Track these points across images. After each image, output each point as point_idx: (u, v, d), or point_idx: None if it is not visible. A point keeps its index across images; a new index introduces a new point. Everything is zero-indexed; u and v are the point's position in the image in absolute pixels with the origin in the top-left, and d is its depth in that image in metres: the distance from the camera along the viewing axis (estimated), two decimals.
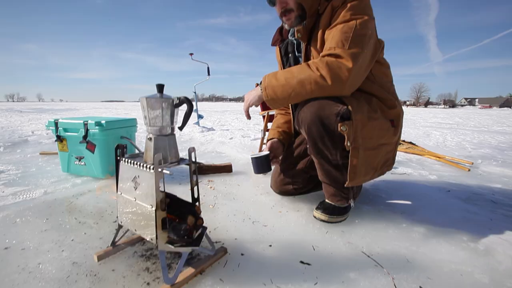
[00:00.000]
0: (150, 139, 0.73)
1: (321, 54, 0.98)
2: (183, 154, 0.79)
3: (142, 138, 3.49)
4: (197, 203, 0.82)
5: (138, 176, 0.74)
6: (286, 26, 1.16)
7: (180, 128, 0.78)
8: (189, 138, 3.56)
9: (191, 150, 0.78)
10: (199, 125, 4.65)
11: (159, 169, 0.67)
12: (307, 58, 1.11)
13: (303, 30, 1.09)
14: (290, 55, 1.24)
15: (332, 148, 1.00)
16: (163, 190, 0.71)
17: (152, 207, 0.70)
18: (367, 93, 1.06)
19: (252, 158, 1.25)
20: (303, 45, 1.12)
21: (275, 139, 1.33)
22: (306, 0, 1.06)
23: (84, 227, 1.07)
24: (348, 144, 0.96)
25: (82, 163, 1.71)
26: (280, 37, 1.24)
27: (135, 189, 0.75)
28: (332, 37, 0.96)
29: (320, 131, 0.99)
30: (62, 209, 1.24)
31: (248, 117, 1.16)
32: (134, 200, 0.76)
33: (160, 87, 0.71)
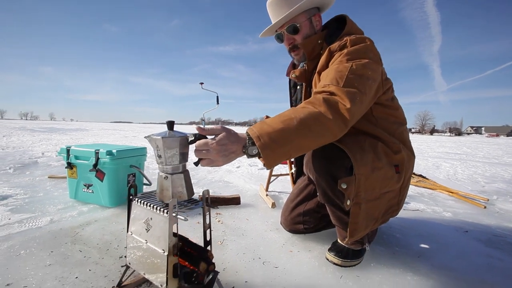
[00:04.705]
0: (166, 177, 0.72)
1: (314, 91, 0.89)
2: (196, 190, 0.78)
3: (149, 163, 3.50)
4: (209, 247, 0.80)
5: (151, 218, 0.72)
6: (295, 61, 1.20)
7: (196, 164, 0.77)
8: (197, 167, 3.55)
9: (205, 193, 0.77)
10: None
11: (174, 214, 0.66)
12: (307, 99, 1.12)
13: (300, 72, 1.10)
14: (298, 87, 1.27)
15: (342, 197, 0.95)
16: (176, 232, 0.69)
17: (164, 252, 0.68)
18: (372, 136, 1.01)
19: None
20: (303, 86, 1.13)
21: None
22: (306, 45, 1.08)
23: (89, 262, 1.04)
24: (348, 203, 0.90)
25: (90, 191, 1.70)
26: (292, 69, 1.28)
27: (147, 231, 0.73)
28: (327, 75, 0.90)
29: (329, 183, 0.96)
30: (67, 240, 1.22)
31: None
32: (145, 242, 0.73)
33: (171, 124, 0.72)
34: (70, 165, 1.73)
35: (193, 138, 0.73)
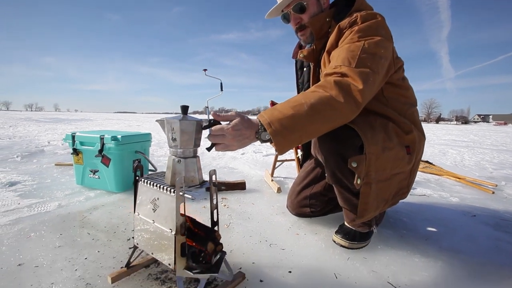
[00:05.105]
0: (179, 161, 0.71)
1: (324, 73, 0.86)
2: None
3: (154, 151, 3.51)
4: (216, 228, 0.79)
5: (158, 198, 0.72)
6: (301, 42, 1.16)
7: (209, 149, 0.76)
8: (201, 153, 3.56)
9: (212, 173, 0.76)
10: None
11: (180, 193, 0.65)
12: (316, 79, 1.09)
13: (308, 51, 1.07)
14: (305, 69, 1.24)
15: (351, 178, 0.94)
16: (183, 213, 0.69)
17: (171, 231, 0.67)
18: (382, 116, 0.99)
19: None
20: (310, 67, 1.10)
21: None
22: (314, 24, 1.04)
23: (97, 244, 1.05)
24: (358, 182, 0.89)
25: (96, 177, 1.72)
26: (299, 50, 1.24)
27: (154, 211, 0.73)
28: (338, 55, 0.87)
29: (338, 162, 0.94)
30: (75, 223, 1.23)
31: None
32: (153, 222, 0.73)
33: (185, 109, 0.70)
34: (75, 151, 1.74)
35: (207, 124, 0.73)
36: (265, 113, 0.75)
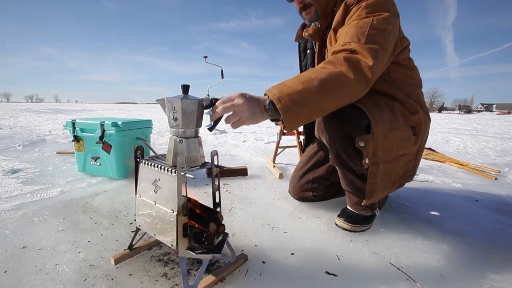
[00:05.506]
0: (181, 141, 0.69)
1: (332, 50, 0.85)
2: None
3: (155, 139, 3.51)
4: (218, 209, 0.79)
5: (159, 179, 0.71)
6: (306, 21, 1.13)
7: (210, 129, 0.74)
8: (202, 140, 3.56)
9: (214, 154, 0.75)
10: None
11: (182, 173, 0.64)
12: (322, 59, 1.06)
13: (313, 30, 1.04)
14: (308, 51, 1.21)
15: (356, 159, 0.93)
16: (185, 194, 0.68)
17: (173, 211, 0.67)
18: (388, 96, 0.98)
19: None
20: (317, 45, 1.07)
21: None
22: (319, 1, 1.01)
23: (100, 228, 1.06)
24: (367, 161, 0.88)
25: (98, 164, 1.71)
26: (302, 33, 1.21)
27: (155, 192, 0.72)
28: (346, 32, 0.86)
29: (343, 142, 0.93)
30: (78, 209, 1.24)
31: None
32: (154, 203, 0.73)
33: (186, 88, 0.68)
34: (76, 138, 1.73)
35: (208, 103, 0.71)
36: (273, 88, 0.73)
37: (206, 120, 0.76)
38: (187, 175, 0.65)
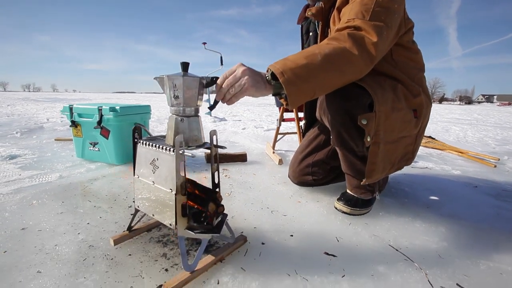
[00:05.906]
0: (182, 120, 0.68)
1: (336, 28, 0.83)
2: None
3: (154, 127, 3.49)
4: (217, 189, 0.78)
5: (157, 159, 0.70)
6: (309, 1, 1.10)
7: (211, 108, 0.72)
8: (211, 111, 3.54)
9: (213, 133, 0.73)
10: (211, 115, 4.62)
11: (180, 151, 0.63)
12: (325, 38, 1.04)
13: (316, 9, 1.02)
14: (311, 33, 1.18)
15: (358, 139, 0.92)
16: (183, 175, 0.67)
17: (172, 191, 0.66)
18: (391, 78, 0.97)
19: None
20: (320, 25, 1.05)
21: None
22: None
23: (99, 211, 1.05)
24: (368, 139, 0.87)
25: (96, 149, 1.70)
26: (305, 13, 1.19)
27: (154, 172, 0.71)
28: (351, 9, 0.84)
29: (345, 121, 0.92)
30: (77, 193, 1.23)
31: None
32: (153, 183, 0.72)
33: (185, 66, 0.66)
34: (74, 124, 1.71)
35: (209, 81, 0.69)
36: (276, 63, 0.71)
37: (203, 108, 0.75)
38: (185, 153, 0.64)
